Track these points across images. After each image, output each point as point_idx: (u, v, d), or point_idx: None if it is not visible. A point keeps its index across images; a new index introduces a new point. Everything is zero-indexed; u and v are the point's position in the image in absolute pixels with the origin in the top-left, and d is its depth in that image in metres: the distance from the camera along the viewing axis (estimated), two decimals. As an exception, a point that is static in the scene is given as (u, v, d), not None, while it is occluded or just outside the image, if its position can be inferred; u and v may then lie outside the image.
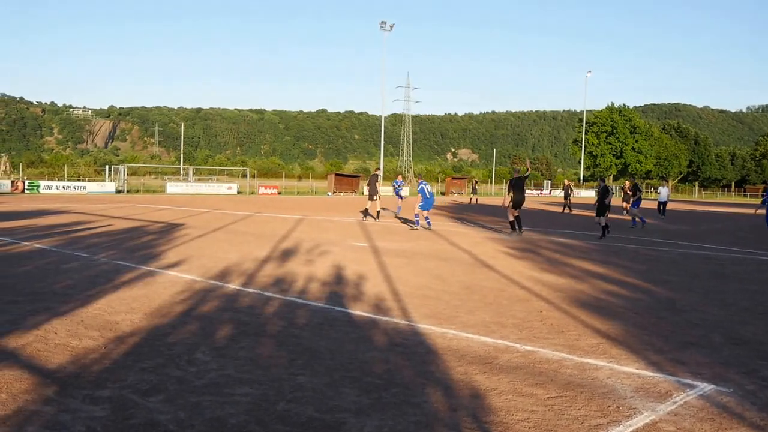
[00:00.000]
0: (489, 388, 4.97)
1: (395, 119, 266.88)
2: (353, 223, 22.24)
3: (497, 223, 24.82)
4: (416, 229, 20.20)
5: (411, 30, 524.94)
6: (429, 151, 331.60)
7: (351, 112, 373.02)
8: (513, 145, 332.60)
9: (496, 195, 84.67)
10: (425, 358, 5.71)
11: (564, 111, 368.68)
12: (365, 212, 22.80)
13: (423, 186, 20.46)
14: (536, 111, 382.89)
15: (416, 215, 20.67)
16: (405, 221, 23.84)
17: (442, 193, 77.46)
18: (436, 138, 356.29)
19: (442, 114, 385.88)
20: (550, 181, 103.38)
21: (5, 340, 5.92)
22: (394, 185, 22.98)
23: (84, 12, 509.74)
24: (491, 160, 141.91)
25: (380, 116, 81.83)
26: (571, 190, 34.69)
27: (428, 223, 20.63)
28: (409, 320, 7.21)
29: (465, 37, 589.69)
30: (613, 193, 24.22)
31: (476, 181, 54.09)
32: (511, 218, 18.93)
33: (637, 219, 24.03)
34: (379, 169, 25.65)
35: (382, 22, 78.88)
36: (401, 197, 30.82)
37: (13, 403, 4.32)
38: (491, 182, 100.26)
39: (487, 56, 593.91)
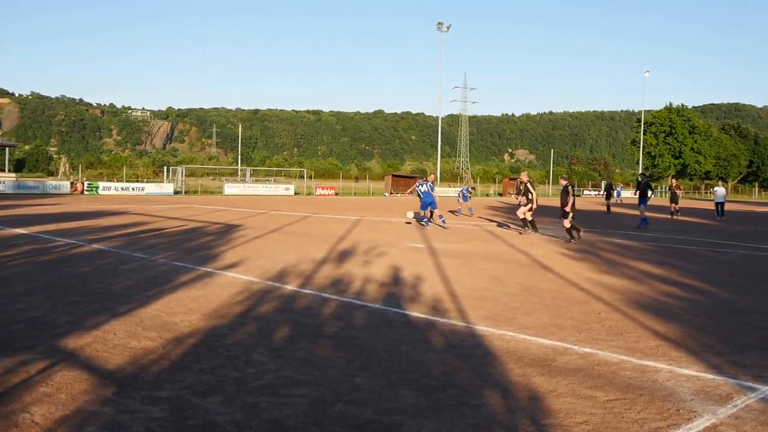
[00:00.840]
0: (547, 391, 4.87)
1: (452, 120, 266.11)
2: (411, 225, 22.16)
3: (554, 224, 24.42)
4: (425, 227, 20.77)
5: (468, 30, 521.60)
6: (486, 152, 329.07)
7: (408, 113, 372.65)
8: (570, 146, 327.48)
9: (554, 196, 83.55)
10: (483, 360, 5.63)
11: (622, 111, 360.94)
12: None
13: (426, 185, 21.48)
14: (594, 111, 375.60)
15: (423, 216, 21.46)
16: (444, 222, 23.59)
17: (500, 194, 76.60)
18: (493, 139, 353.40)
19: (499, 114, 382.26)
20: (606, 182, 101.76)
21: (65, 340, 6.03)
22: (419, 187, 22.17)
23: (143, 13, 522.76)
24: (548, 161, 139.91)
25: (437, 117, 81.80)
26: (613, 189, 33.86)
27: (426, 222, 21.11)
28: (466, 322, 7.12)
29: (522, 37, 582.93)
30: (653, 191, 23.38)
31: (520, 181, 53.46)
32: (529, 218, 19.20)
33: (645, 217, 23.06)
34: (432, 174, 25.70)
35: (439, 22, 78.71)
36: (466, 199, 30.64)
37: (73, 404, 4.39)
38: (548, 183, 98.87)
39: (544, 56, 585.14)
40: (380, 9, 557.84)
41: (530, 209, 19.11)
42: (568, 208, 17.05)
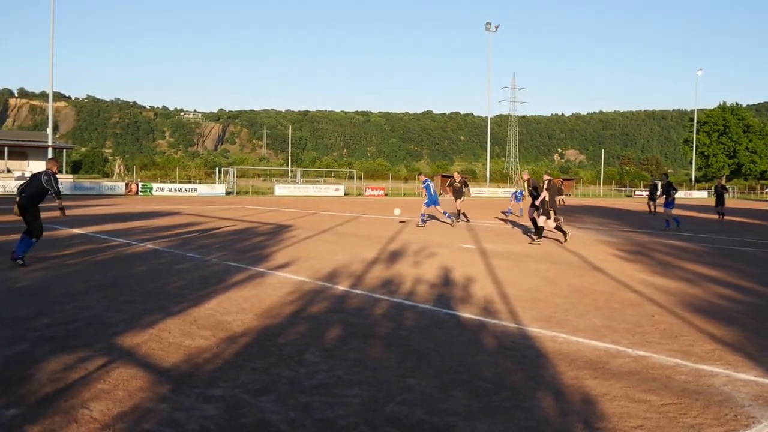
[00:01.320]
0: (601, 394, 4.78)
1: (501, 120, 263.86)
2: (460, 225, 22.05)
3: (606, 225, 24.02)
4: (422, 226, 20.96)
5: (517, 29, 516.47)
6: (535, 152, 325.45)
7: (457, 114, 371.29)
8: (621, 146, 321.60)
9: (605, 196, 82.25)
10: (535, 362, 5.56)
11: (674, 110, 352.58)
12: (458, 215, 22.54)
13: (428, 184, 21.99)
14: (645, 110, 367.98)
15: (423, 213, 21.70)
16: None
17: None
18: (542, 139, 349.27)
19: (549, 114, 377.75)
20: (652, 182, 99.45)
21: (122, 338, 6.16)
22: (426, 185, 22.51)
23: (194, 18, 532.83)
24: (599, 161, 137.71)
25: (486, 117, 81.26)
26: (657, 189, 32.83)
27: (423, 221, 21.44)
28: (518, 323, 7.03)
29: (571, 36, 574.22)
30: (675, 190, 22.41)
31: (562, 181, 52.68)
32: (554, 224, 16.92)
33: (670, 221, 22.19)
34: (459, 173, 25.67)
35: (488, 23, 78.46)
36: (519, 199, 30.30)
37: (130, 401, 4.47)
38: (599, 183, 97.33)
39: (594, 55, 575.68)
40: (429, 10, 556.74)
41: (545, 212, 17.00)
42: (537, 202, 16.13)
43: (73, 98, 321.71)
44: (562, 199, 46.86)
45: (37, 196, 10.91)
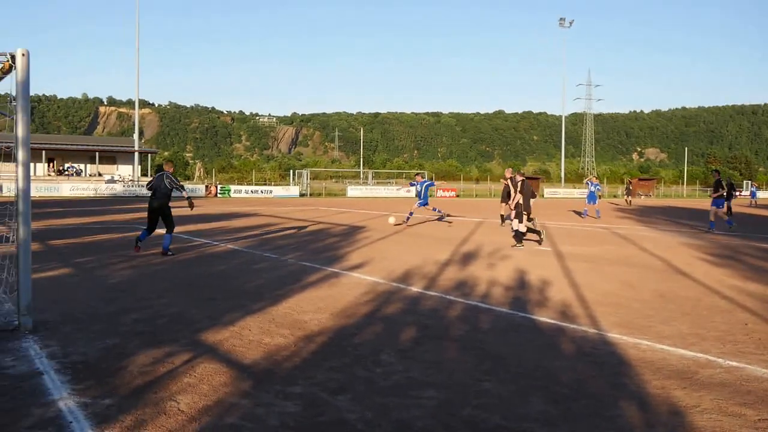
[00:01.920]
0: (690, 406, 4.60)
1: (576, 118, 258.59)
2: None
3: (690, 227, 23.28)
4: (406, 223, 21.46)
5: (591, 24, 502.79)
6: (612, 151, 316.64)
7: (529, 113, 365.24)
8: (706, 143, 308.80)
9: (688, 197, 79.63)
10: (617, 370, 5.42)
11: (766, 104, 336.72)
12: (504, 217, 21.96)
13: (428, 185, 22.40)
14: (733, 105, 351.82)
15: (411, 213, 22.01)
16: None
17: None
18: (620, 137, 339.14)
19: (627, 111, 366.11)
20: (750, 182, 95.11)
21: (205, 334, 6.38)
22: (416, 186, 22.63)
23: (269, 23, 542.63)
24: (682, 160, 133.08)
25: (560, 116, 79.87)
26: (735, 189, 31.21)
27: (407, 218, 21.87)
28: (597, 329, 6.89)
29: (650, 28, 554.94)
30: (723, 189, 21.31)
31: (630, 182, 51.09)
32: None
33: (719, 220, 20.88)
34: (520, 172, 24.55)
35: (561, 18, 77.15)
36: (593, 200, 29.17)
37: (214, 395, 4.62)
38: (683, 183, 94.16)
39: (675, 46, 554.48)
40: (499, 7, 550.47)
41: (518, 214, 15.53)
42: (511, 204, 15.44)
43: (156, 105, 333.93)
44: (630, 200, 45.59)
45: (167, 196, 12.51)
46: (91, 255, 12.43)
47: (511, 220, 15.59)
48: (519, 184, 15.38)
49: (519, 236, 15.09)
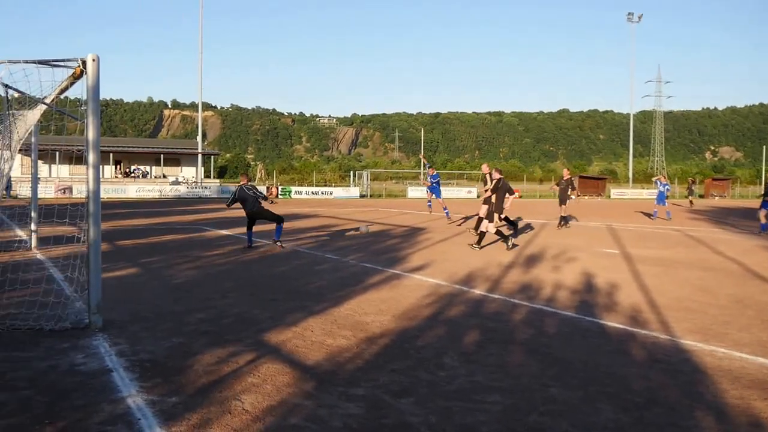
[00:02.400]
0: (771, 417, 4.38)
1: (645, 116, 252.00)
2: (600, 228, 21.31)
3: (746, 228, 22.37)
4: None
5: (661, 19, 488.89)
6: (684, 150, 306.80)
7: (595, 111, 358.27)
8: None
9: (755, 198, 76.51)
10: (692, 378, 5.21)
11: None
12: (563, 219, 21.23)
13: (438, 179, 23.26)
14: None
15: (445, 207, 23.19)
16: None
17: (701, 196, 70.62)
18: (692, 135, 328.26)
19: (699, 109, 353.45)
20: None
21: (268, 335, 6.42)
22: (430, 180, 22.79)
23: (329, 25, 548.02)
24: (759, 159, 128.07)
25: (628, 114, 78.19)
26: None
27: (447, 213, 23.01)
28: (670, 335, 6.65)
29: (724, 21, 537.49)
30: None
31: (693, 181, 49.17)
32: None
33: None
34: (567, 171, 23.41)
35: (629, 13, 75.42)
36: (662, 200, 27.99)
37: (277, 395, 4.64)
38: (760, 183, 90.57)
39: (752, 40, 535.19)
40: (564, 2, 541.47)
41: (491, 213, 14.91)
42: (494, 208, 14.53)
43: (218, 107, 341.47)
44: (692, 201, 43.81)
45: (257, 201, 13.82)
46: (157, 255, 12.73)
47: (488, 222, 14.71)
48: (495, 182, 14.71)
49: (505, 237, 14.40)
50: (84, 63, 6.51)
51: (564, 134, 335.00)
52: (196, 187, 54.97)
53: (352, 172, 75.52)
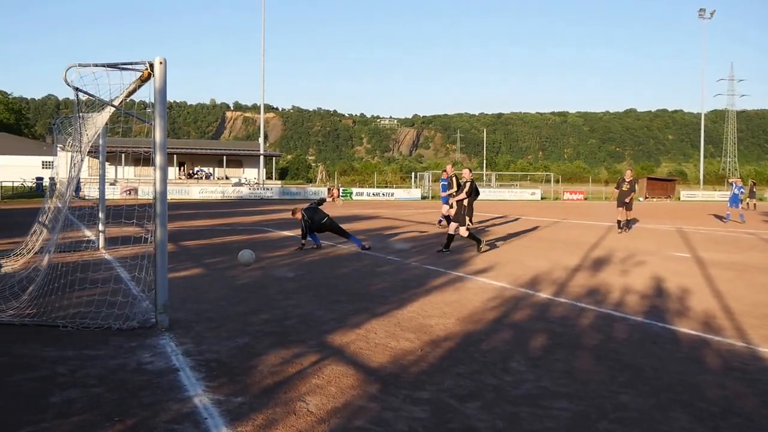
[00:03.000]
0: None
1: (716, 116, 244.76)
2: (670, 231, 20.71)
3: None
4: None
5: (735, 14, 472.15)
6: (758, 151, 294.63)
7: (663, 111, 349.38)
8: None
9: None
10: (771, 387, 4.98)
11: None
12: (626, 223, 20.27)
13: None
14: None
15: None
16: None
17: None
18: (766, 135, 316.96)
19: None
20: None
21: (332, 336, 6.43)
22: (442, 182, 22.33)
23: (388, 26, 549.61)
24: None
25: (699, 114, 76.07)
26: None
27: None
28: (746, 342, 6.38)
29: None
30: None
31: (754, 183, 46.97)
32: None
33: None
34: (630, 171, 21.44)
35: (701, 9, 73.38)
36: (736, 203, 26.84)
37: (342, 397, 4.64)
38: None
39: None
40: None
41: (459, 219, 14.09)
42: (451, 201, 13.97)
43: (280, 109, 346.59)
44: (754, 203, 41.93)
45: (323, 215, 13.93)
46: (221, 256, 12.93)
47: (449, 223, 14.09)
48: (469, 184, 14.06)
49: (477, 240, 13.99)
50: (152, 66, 6.64)
51: (631, 134, 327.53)
52: (258, 189, 55.91)
53: (413, 173, 75.58)
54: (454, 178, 18.17)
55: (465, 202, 13.93)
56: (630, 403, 4.58)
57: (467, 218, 13.96)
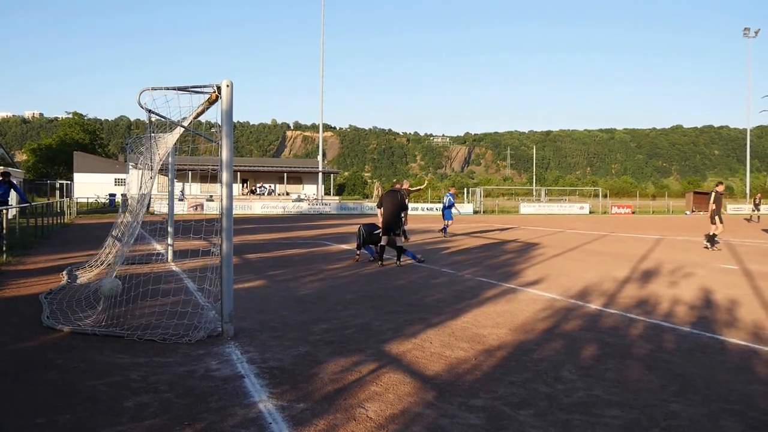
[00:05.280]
0: None
1: (762, 132, 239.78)
2: (718, 244, 20.39)
3: None
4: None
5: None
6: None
7: (710, 127, 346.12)
8: None
9: None
10: (822, 397, 5.02)
11: None
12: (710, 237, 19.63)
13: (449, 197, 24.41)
14: None
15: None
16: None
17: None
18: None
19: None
20: None
21: (389, 345, 6.64)
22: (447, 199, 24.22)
23: (441, 46, 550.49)
24: None
25: (744, 129, 74.68)
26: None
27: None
28: (798, 353, 6.40)
29: None
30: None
31: (759, 196, 45.94)
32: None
33: None
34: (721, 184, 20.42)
35: (746, 28, 72.88)
36: None
37: (399, 404, 4.81)
38: None
39: None
40: (677, 18, 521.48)
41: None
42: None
43: (337, 128, 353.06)
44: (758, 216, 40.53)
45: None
46: (282, 268, 13.27)
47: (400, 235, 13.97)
48: (403, 195, 14.00)
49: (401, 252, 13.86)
50: (219, 89, 6.96)
51: (677, 150, 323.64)
52: (317, 204, 56.77)
53: (465, 188, 75.68)
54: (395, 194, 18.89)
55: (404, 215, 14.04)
56: (681, 411, 4.67)
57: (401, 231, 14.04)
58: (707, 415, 4.60)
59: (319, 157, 71.05)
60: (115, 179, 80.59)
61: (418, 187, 29.60)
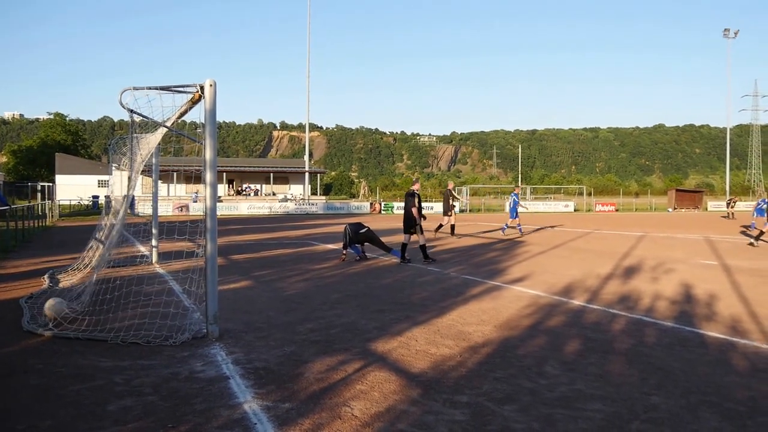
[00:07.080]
0: None
1: (741, 130, 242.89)
2: (699, 241, 20.63)
3: None
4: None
5: (758, 34, 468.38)
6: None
7: (691, 126, 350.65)
8: None
9: None
10: (796, 388, 5.12)
11: None
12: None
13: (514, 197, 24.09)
14: None
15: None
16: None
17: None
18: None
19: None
20: None
21: (374, 344, 6.67)
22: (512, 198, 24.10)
23: (427, 47, 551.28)
24: None
25: (725, 128, 75.51)
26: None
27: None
28: (773, 345, 6.51)
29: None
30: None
31: (735, 199, 47.23)
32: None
33: None
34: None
35: (725, 29, 74.00)
36: (762, 213, 26.81)
37: (385, 402, 4.85)
38: None
39: None
40: (659, 20, 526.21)
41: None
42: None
43: (324, 128, 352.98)
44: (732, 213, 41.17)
45: (367, 229, 14.78)
46: (268, 269, 13.27)
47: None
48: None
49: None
50: (202, 88, 6.95)
51: (660, 149, 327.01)
52: (303, 204, 56.66)
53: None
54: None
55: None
56: (661, 404, 4.75)
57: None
58: (686, 407, 4.69)
59: (306, 157, 70.89)
60: (99, 181, 79.93)
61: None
